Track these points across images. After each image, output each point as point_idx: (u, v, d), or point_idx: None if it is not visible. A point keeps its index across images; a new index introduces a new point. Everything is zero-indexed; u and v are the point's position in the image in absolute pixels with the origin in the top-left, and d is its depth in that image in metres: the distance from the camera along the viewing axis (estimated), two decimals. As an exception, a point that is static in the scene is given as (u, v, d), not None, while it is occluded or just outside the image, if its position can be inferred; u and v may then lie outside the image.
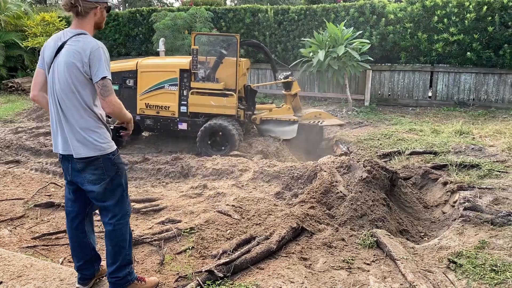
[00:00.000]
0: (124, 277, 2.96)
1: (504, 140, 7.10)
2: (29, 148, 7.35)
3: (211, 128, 7.28)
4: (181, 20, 12.77)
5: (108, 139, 2.87)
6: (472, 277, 3.21)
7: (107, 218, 2.91)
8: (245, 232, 4.00)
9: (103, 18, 2.92)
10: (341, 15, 11.99)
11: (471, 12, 10.43)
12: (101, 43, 2.78)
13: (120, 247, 2.93)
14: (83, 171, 2.81)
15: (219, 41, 8.13)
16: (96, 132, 2.80)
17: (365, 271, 3.40)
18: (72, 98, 2.73)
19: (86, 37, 2.75)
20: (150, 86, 7.53)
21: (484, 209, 4.26)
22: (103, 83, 2.67)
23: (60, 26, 15.19)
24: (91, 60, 2.68)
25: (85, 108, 2.76)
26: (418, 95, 11.70)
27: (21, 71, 15.43)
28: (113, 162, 2.86)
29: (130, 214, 3.06)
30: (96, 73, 2.68)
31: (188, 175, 5.91)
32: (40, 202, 4.98)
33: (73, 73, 2.70)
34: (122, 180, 2.94)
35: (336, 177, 4.78)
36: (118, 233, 2.92)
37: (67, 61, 2.69)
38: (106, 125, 2.89)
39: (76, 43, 2.71)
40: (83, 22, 2.81)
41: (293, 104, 8.45)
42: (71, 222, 3.03)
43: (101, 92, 2.68)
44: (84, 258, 3.06)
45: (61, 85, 2.73)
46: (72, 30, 2.80)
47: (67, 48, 2.71)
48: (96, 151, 2.78)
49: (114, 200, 2.89)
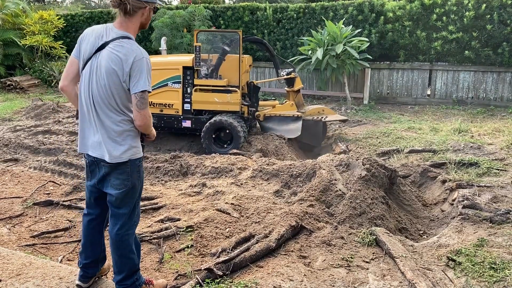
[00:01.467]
0: (132, 284, 2.92)
1: (503, 138, 7.11)
2: (27, 146, 7.33)
3: (216, 125, 7.28)
4: (180, 18, 12.77)
5: (139, 145, 2.83)
6: (471, 275, 3.22)
7: (116, 228, 2.83)
8: (244, 230, 4.00)
9: (149, 19, 2.80)
10: (340, 13, 11.98)
11: (470, 10, 10.44)
12: (146, 52, 2.68)
13: (127, 257, 2.88)
14: (109, 175, 2.75)
15: (222, 38, 8.13)
16: (130, 136, 2.75)
17: (364, 269, 3.41)
18: (108, 103, 2.66)
19: (130, 43, 2.63)
20: (153, 84, 7.52)
21: (483, 207, 4.26)
22: (142, 95, 2.60)
23: (58, 24, 15.18)
24: (133, 70, 2.58)
25: (121, 112, 2.70)
26: (417, 93, 11.71)
27: (19, 70, 15.39)
28: (138, 168, 2.82)
29: (137, 225, 3.01)
30: (136, 84, 2.59)
31: (187, 173, 5.90)
32: (39, 200, 4.96)
33: (112, 80, 2.61)
34: (139, 188, 2.89)
35: (335, 175, 4.78)
36: (125, 243, 2.86)
37: (107, 67, 2.59)
38: (138, 130, 2.83)
39: (119, 48, 2.60)
40: (130, 21, 2.69)
41: (296, 100, 8.42)
42: (89, 222, 2.98)
43: (138, 104, 2.61)
44: (92, 257, 3.02)
45: (99, 89, 2.64)
46: (116, 30, 2.67)
47: (109, 52, 2.60)
48: (128, 155, 2.73)
49: (128, 208, 2.83)
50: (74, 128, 8.56)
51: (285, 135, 7.73)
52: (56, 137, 8.11)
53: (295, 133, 7.78)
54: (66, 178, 5.89)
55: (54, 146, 7.29)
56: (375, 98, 11.92)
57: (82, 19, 16.14)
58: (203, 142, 7.36)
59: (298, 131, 7.78)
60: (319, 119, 8.05)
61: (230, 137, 7.34)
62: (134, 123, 2.73)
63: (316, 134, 8.06)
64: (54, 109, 10.21)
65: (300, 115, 8.03)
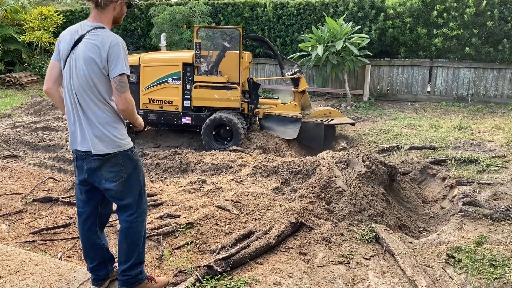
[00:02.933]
0: (135, 276, 2.93)
1: (503, 135, 7.11)
2: (27, 142, 7.33)
3: (216, 121, 7.26)
4: (180, 14, 12.73)
5: (126, 135, 2.82)
6: (471, 272, 3.22)
7: (125, 215, 2.85)
8: (244, 227, 3.99)
9: (122, 14, 2.83)
10: (340, 10, 11.95)
11: (471, 6, 10.40)
12: (120, 38, 2.70)
13: (135, 245, 2.89)
14: (100, 169, 2.75)
15: (222, 34, 8.08)
16: (115, 128, 2.74)
17: (364, 266, 3.41)
18: (91, 93, 2.67)
19: (104, 31, 2.66)
20: (153, 80, 7.50)
21: (483, 204, 4.26)
22: (120, 79, 2.61)
23: (57, 20, 15.13)
24: (110, 55, 2.60)
25: (104, 102, 2.70)
26: (417, 90, 11.69)
27: (19, 66, 15.36)
28: (131, 158, 2.81)
29: (146, 212, 3.01)
30: (114, 68, 2.61)
31: (187, 170, 5.90)
32: (38, 197, 4.96)
33: (91, 68, 2.63)
34: (140, 177, 2.89)
35: (335, 172, 4.77)
36: (134, 230, 2.87)
37: (85, 56, 2.62)
38: (123, 120, 2.83)
39: (95, 37, 2.63)
40: (102, 15, 2.72)
41: (301, 101, 8.23)
42: (83, 224, 2.96)
43: (117, 88, 2.62)
44: (97, 259, 3.01)
45: (79, 80, 2.66)
46: (90, 23, 2.71)
47: (85, 42, 2.63)
48: (115, 147, 2.73)
49: (132, 198, 2.83)
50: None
51: (281, 136, 7.62)
52: (56, 133, 8.10)
53: (291, 135, 7.67)
54: (66, 174, 5.89)
55: (53, 142, 7.29)
56: (375, 95, 11.90)
57: (82, 15, 16.08)
58: (203, 139, 7.35)
59: (294, 133, 7.67)
60: (320, 122, 7.84)
61: (230, 134, 7.32)
62: (117, 107, 2.73)
63: (317, 137, 7.82)
64: (53, 106, 10.19)
65: (300, 116, 7.86)
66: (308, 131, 7.80)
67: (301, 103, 8.22)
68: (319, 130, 7.79)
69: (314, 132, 7.81)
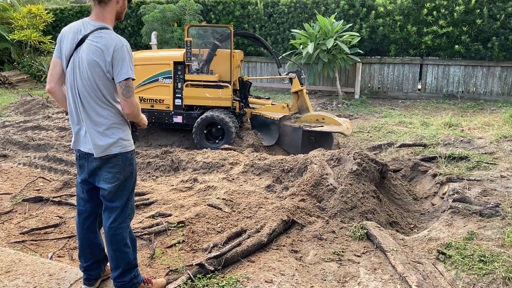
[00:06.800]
0: (130, 280, 2.91)
1: (493, 132, 7.17)
2: (16, 142, 7.26)
3: (207, 120, 7.23)
4: (170, 12, 12.67)
5: (129, 137, 2.81)
6: (461, 268, 3.25)
7: (109, 221, 2.82)
8: (235, 225, 3.99)
9: (124, 8, 2.78)
10: (331, 8, 11.97)
11: (460, 4, 10.48)
12: (125, 40, 2.66)
13: (122, 252, 2.86)
14: (100, 169, 2.74)
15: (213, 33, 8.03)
16: (118, 129, 2.73)
17: (355, 263, 3.42)
18: (94, 95, 2.64)
19: (109, 33, 2.62)
20: (144, 79, 7.46)
21: (472, 200, 4.30)
22: (126, 83, 2.59)
23: (47, 18, 15.01)
24: (114, 59, 2.57)
25: (108, 104, 2.68)
26: (408, 87, 11.76)
27: (8, 65, 15.20)
28: (130, 161, 2.80)
29: (131, 218, 2.98)
30: (119, 72, 2.58)
31: (178, 168, 5.88)
32: (28, 196, 4.92)
33: (95, 72, 2.59)
34: (132, 183, 2.88)
35: (327, 169, 4.79)
36: (119, 237, 2.84)
37: (89, 59, 2.58)
38: (127, 121, 2.82)
39: (98, 39, 2.58)
40: (105, 11, 2.67)
41: (298, 103, 7.71)
42: (83, 222, 2.95)
43: (123, 93, 2.60)
44: (92, 258, 3.00)
45: (83, 82, 2.63)
46: (93, 23, 2.66)
47: (88, 45, 2.59)
48: (117, 149, 2.72)
49: (122, 201, 2.82)
50: (64, 124, 8.48)
51: (263, 139, 7.44)
52: (46, 132, 8.03)
53: (269, 142, 7.42)
54: (56, 174, 5.85)
55: (43, 141, 7.23)
56: (366, 93, 11.95)
57: (72, 13, 15.96)
58: (195, 138, 7.33)
59: (273, 139, 7.40)
60: (299, 126, 7.26)
61: (221, 133, 7.31)
62: (123, 112, 2.72)
63: (294, 142, 7.32)
64: (43, 105, 10.11)
65: (277, 118, 7.41)
66: (287, 135, 7.46)
67: (297, 105, 7.76)
68: (297, 135, 7.30)
69: (292, 137, 7.39)
